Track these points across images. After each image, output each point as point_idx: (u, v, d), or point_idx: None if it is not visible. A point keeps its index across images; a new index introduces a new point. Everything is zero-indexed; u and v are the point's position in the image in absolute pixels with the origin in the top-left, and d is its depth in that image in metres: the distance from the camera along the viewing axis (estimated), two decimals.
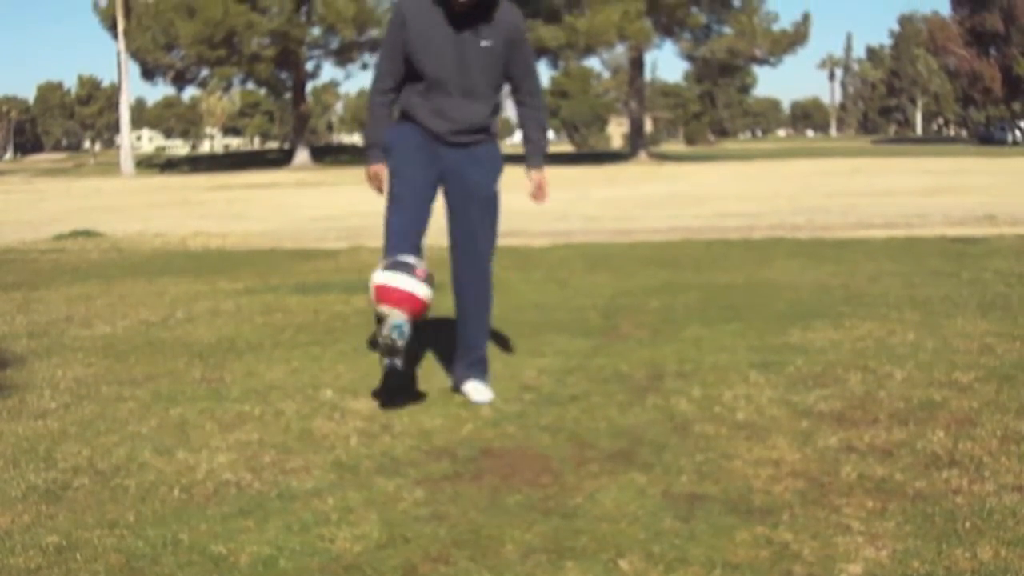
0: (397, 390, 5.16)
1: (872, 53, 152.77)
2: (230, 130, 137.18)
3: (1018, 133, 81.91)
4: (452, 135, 5.09)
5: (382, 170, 5.22)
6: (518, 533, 3.47)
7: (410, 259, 4.88)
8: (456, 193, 5.17)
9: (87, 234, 15.79)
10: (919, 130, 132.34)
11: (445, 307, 5.60)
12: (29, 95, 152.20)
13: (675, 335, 6.61)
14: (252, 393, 5.44)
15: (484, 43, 5.03)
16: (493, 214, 5.23)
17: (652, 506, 3.70)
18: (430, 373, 5.72)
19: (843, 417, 4.69)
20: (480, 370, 5.30)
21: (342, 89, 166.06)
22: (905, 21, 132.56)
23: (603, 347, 6.35)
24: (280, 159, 65.76)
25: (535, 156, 5.30)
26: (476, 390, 5.20)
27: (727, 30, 59.78)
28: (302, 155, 62.59)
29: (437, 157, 5.12)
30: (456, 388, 5.30)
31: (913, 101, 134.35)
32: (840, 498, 3.71)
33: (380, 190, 5.24)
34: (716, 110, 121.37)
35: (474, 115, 5.09)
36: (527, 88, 5.24)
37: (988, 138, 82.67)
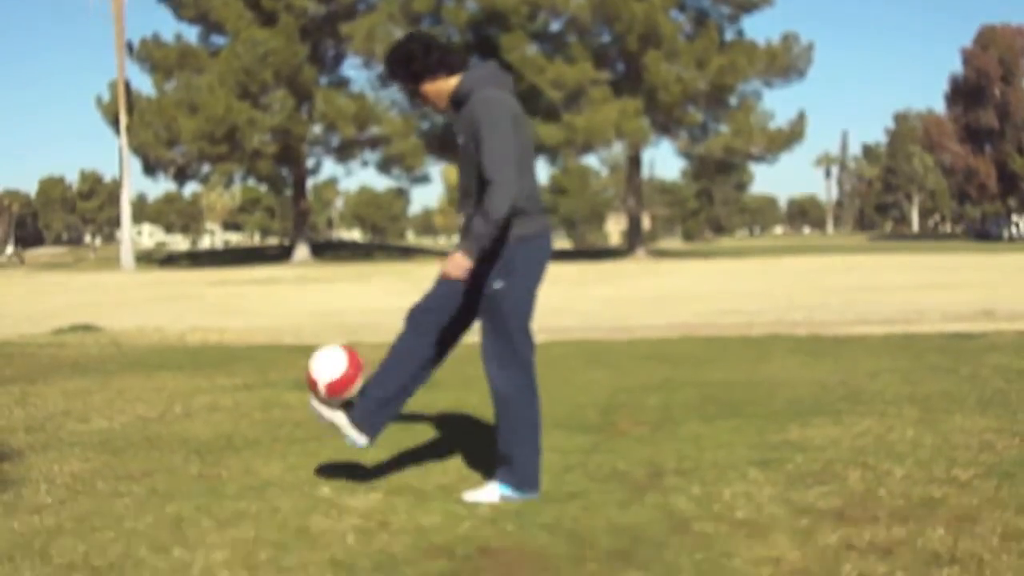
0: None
1: (868, 150, 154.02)
2: (230, 225, 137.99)
3: (1013, 229, 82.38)
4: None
5: None
6: None
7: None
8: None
9: (86, 329, 15.79)
10: (915, 226, 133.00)
11: (444, 404, 5.59)
12: (31, 189, 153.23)
13: (674, 432, 6.60)
14: (249, 490, 5.42)
15: (460, 141, 5.12)
16: (493, 315, 5.11)
17: None
18: (429, 469, 5.70)
19: (843, 514, 4.67)
20: (496, 472, 5.20)
21: (342, 186, 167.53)
22: (900, 118, 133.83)
23: (602, 444, 6.33)
24: (280, 255, 66.04)
25: (464, 239, 4.97)
26: (477, 490, 5.15)
27: (724, 128, 60.31)
28: (302, 251, 62.87)
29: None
30: None
31: (909, 198, 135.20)
32: None
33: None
34: (713, 207, 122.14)
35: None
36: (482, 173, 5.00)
37: (984, 234, 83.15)
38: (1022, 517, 4.53)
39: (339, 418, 5.14)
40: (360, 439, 5.18)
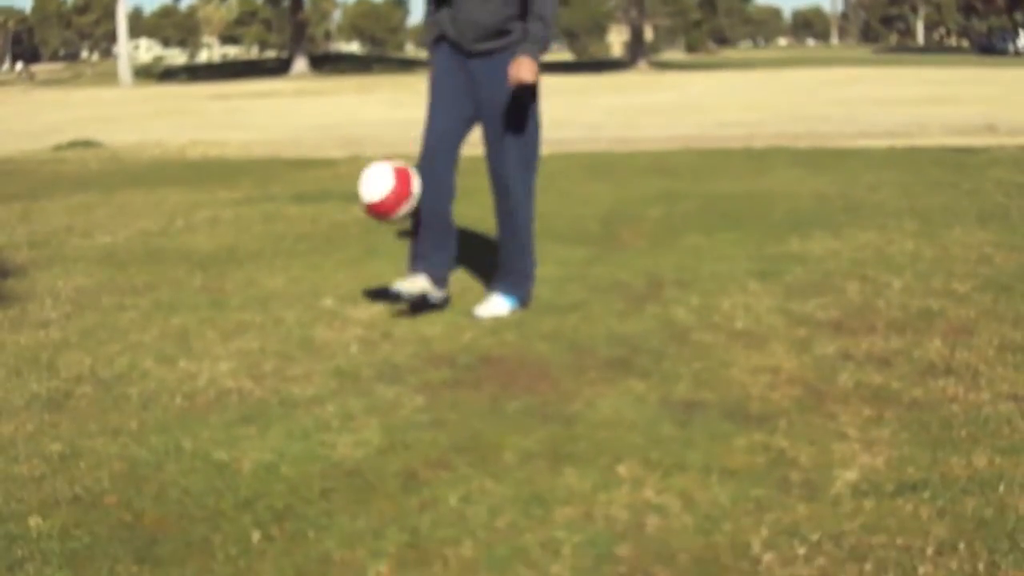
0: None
1: None
2: (228, 39, 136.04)
3: (1020, 43, 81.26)
4: (469, 42, 5.02)
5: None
6: (517, 439, 3.50)
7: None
8: (479, 106, 5.08)
9: (86, 144, 15.72)
10: (921, 39, 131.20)
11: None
12: (26, 5, 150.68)
13: (674, 244, 6.62)
14: (252, 302, 5.46)
15: None
16: (526, 124, 5.06)
17: (650, 413, 3.73)
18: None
19: (841, 325, 4.71)
20: (503, 285, 5.20)
21: None
22: None
23: (602, 256, 6.36)
24: (278, 68, 65.16)
25: (525, 43, 4.92)
26: (485, 304, 5.14)
27: None
28: (300, 64, 62.06)
29: (465, 69, 5.06)
30: None
31: (915, 10, 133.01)
32: (837, 405, 3.75)
33: None
34: (716, 18, 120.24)
35: (486, 16, 4.97)
36: None
37: (989, 48, 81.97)
38: (1018, 330, 4.57)
39: (420, 283, 5.08)
40: (438, 294, 5.15)
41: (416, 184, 4.96)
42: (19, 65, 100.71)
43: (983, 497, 2.99)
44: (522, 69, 4.85)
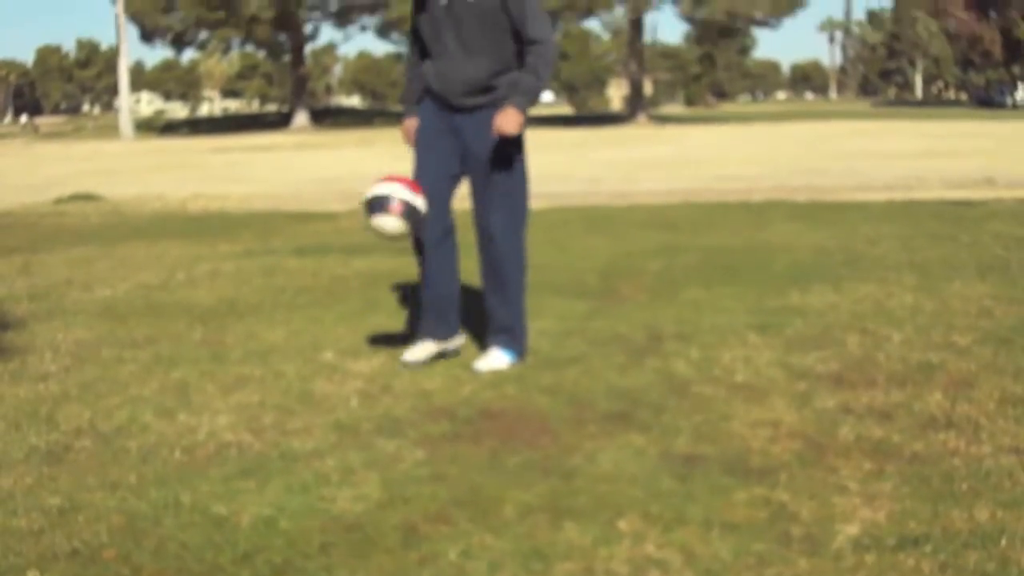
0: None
1: (872, 16, 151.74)
2: (229, 93, 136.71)
3: (1017, 96, 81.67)
4: (455, 96, 5.05)
5: (412, 124, 5.24)
6: (517, 493, 3.49)
7: (386, 190, 4.94)
8: (464, 160, 5.10)
9: (87, 197, 15.77)
10: (919, 93, 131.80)
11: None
12: (28, 58, 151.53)
13: (674, 297, 6.63)
14: (253, 355, 5.46)
15: None
16: (513, 178, 5.08)
17: (650, 466, 3.72)
18: None
19: (841, 379, 4.71)
20: (498, 340, 5.19)
21: (341, 51, 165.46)
22: None
23: (601, 309, 6.36)
24: (279, 121, 65.48)
25: (515, 95, 4.93)
26: (484, 359, 5.13)
27: None
28: (301, 117, 62.34)
29: (451, 125, 5.08)
30: None
31: (913, 64, 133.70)
32: (838, 459, 3.74)
33: (412, 143, 5.27)
34: (716, 72, 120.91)
35: (473, 72, 4.99)
36: (524, 36, 4.96)
37: (987, 101, 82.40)
38: (1019, 383, 4.57)
39: (429, 349, 5.14)
40: (451, 345, 5.22)
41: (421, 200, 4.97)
42: (23, 118, 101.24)
43: (985, 551, 2.98)
44: (507, 121, 4.87)
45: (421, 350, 5.14)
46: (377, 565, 3.02)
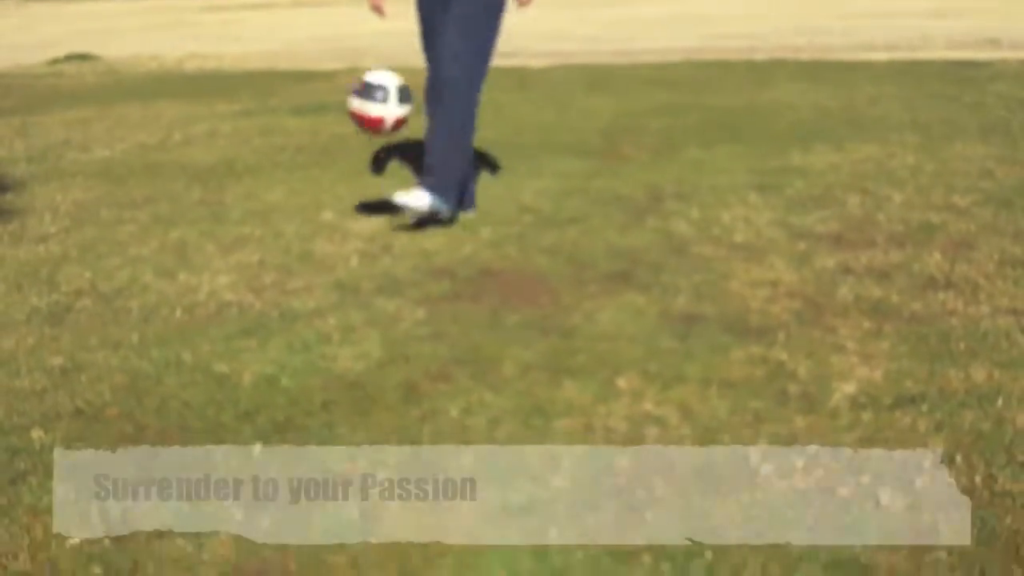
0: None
1: None
2: None
3: None
4: None
5: None
6: (517, 351, 3.52)
7: (376, 79, 4.99)
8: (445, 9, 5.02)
9: (82, 57, 15.58)
10: None
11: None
12: None
13: (675, 157, 6.59)
14: (252, 215, 5.46)
15: None
16: (471, 34, 4.95)
17: (649, 325, 3.74)
18: None
19: (841, 239, 4.70)
20: (423, 180, 5.04)
21: None
22: None
23: (602, 169, 6.33)
24: None
25: None
26: (407, 193, 4.99)
27: None
28: None
29: None
30: None
31: None
32: (836, 318, 3.75)
33: (378, 12, 5.23)
34: None
35: None
36: None
37: None
38: (1018, 244, 4.56)
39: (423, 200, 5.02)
40: (444, 207, 5.09)
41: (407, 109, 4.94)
42: None
43: (981, 410, 3.01)
44: None
45: (416, 197, 4.99)
46: (378, 422, 3.05)
